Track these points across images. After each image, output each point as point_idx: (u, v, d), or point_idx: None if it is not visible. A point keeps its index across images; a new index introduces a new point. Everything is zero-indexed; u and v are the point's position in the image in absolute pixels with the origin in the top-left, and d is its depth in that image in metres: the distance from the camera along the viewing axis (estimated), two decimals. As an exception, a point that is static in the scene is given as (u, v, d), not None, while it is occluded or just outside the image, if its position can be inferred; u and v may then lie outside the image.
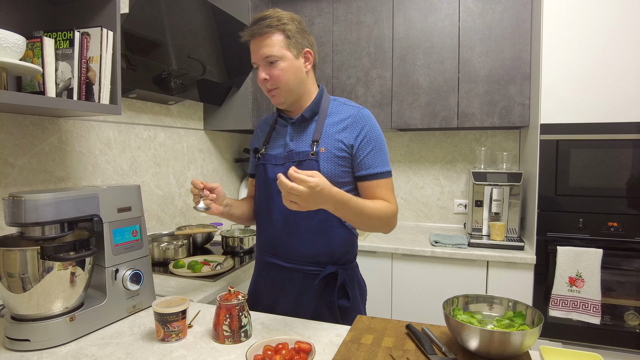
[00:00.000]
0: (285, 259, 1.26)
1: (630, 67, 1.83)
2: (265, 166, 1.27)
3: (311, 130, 1.24)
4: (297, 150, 1.23)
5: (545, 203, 1.98)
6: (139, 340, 1.02)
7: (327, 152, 1.20)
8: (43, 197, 0.98)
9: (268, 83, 1.18)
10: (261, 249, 1.34)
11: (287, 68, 1.17)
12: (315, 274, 1.24)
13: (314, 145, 1.20)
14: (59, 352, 0.96)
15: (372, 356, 0.89)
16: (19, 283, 0.97)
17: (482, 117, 2.26)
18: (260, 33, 1.15)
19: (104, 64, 1.31)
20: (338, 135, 1.20)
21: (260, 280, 1.35)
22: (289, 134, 1.26)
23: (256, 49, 1.17)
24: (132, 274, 1.16)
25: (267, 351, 0.88)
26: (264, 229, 1.31)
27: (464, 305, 1.02)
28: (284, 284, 1.28)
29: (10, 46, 1.06)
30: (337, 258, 1.26)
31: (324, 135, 1.22)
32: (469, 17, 2.25)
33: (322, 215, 1.19)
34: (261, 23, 1.15)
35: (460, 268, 2.08)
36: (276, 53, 1.15)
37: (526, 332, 0.82)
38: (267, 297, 1.31)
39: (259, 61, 1.18)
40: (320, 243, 1.23)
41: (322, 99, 1.26)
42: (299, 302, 1.26)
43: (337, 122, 1.22)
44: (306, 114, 1.24)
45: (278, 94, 1.20)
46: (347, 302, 1.25)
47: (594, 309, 1.85)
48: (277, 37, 1.15)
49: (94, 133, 1.70)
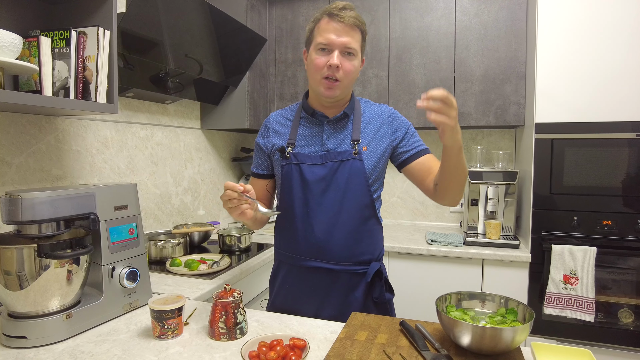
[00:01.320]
0: (332, 262, 1.23)
1: (625, 67, 1.85)
2: (299, 166, 1.22)
3: (348, 129, 1.24)
4: (336, 149, 1.21)
5: (540, 202, 2.00)
6: (135, 338, 1.03)
7: (369, 151, 1.22)
8: (40, 195, 0.99)
9: (338, 72, 1.15)
10: (298, 253, 1.26)
11: (357, 66, 1.19)
12: (362, 273, 1.25)
13: (355, 145, 1.20)
14: (55, 349, 0.97)
15: (365, 352, 0.90)
16: (16, 281, 0.97)
17: (477, 116, 2.28)
18: (350, 23, 1.14)
19: (100, 63, 1.32)
20: (377, 135, 1.24)
21: (298, 287, 1.28)
22: (326, 132, 1.24)
23: (340, 33, 1.14)
24: (128, 271, 1.17)
25: (261, 347, 0.89)
26: (302, 232, 1.24)
27: (457, 302, 1.03)
28: (330, 287, 1.24)
29: (7, 45, 1.07)
30: (377, 254, 1.29)
31: (363, 134, 1.23)
32: (464, 16, 2.26)
33: (366, 214, 1.22)
34: (350, 13, 1.15)
35: (456, 266, 2.09)
36: (357, 48, 1.17)
37: (517, 328, 0.83)
38: (309, 303, 1.27)
39: (338, 47, 1.14)
40: (365, 242, 1.24)
41: (355, 99, 1.29)
42: (346, 302, 1.24)
43: (371, 121, 1.26)
44: (348, 112, 1.25)
45: (339, 87, 1.18)
46: (391, 294, 1.30)
47: (588, 307, 1.86)
48: (359, 34, 1.18)
49: (90, 132, 1.71)
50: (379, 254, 1.31)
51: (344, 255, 1.22)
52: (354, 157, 1.19)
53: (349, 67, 1.16)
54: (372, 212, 1.24)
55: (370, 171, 1.21)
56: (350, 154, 1.20)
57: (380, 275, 1.26)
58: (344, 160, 1.19)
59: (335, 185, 1.20)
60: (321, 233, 1.22)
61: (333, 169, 1.20)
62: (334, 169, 1.20)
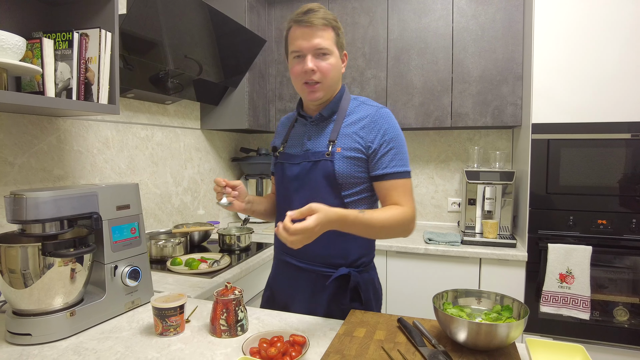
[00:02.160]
0: (298, 259, 1.26)
1: (620, 68, 1.87)
2: (283, 165, 1.28)
3: (329, 129, 1.22)
4: (313, 150, 1.22)
5: (536, 201, 2.02)
6: (138, 335, 1.05)
7: (343, 152, 1.17)
8: (43, 195, 1.01)
9: (315, 75, 1.15)
10: (278, 247, 1.33)
11: (335, 64, 1.17)
12: (328, 276, 1.22)
13: (330, 145, 1.19)
14: (59, 346, 0.98)
15: (364, 348, 0.92)
16: (20, 279, 0.99)
17: (475, 116, 2.30)
18: (316, 23, 1.13)
19: (102, 64, 1.33)
20: (355, 135, 1.18)
21: (277, 278, 1.35)
22: (307, 133, 1.26)
23: (308, 37, 1.14)
24: (130, 270, 1.18)
25: (262, 344, 0.91)
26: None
27: (454, 299, 1.05)
28: (299, 284, 1.27)
29: (11, 47, 1.08)
30: (352, 261, 1.23)
31: (341, 135, 1.19)
32: (462, 18, 2.28)
33: None
34: (316, 14, 1.13)
35: (454, 265, 2.11)
36: (329, 47, 1.15)
37: (512, 324, 0.85)
38: (283, 295, 1.31)
39: (309, 50, 1.14)
40: (335, 245, 1.21)
41: (342, 98, 1.25)
42: (313, 302, 1.25)
43: (355, 122, 1.20)
44: (325, 113, 1.22)
45: (320, 89, 1.18)
46: (360, 305, 1.23)
47: (584, 305, 1.88)
48: (330, 32, 1.16)
49: (92, 132, 1.72)
50: (357, 260, 1.24)
51: (310, 254, 1.23)
52: (326, 157, 1.17)
53: (325, 67, 1.15)
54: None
55: (340, 173, 1.16)
56: (323, 154, 1.19)
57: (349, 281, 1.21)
58: (317, 160, 1.19)
59: (308, 184, 1.21)
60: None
61: (306, 168, 1.21)
62: (306, 169, 1.21)
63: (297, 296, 1.28)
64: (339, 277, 1.21)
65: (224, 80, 2.30)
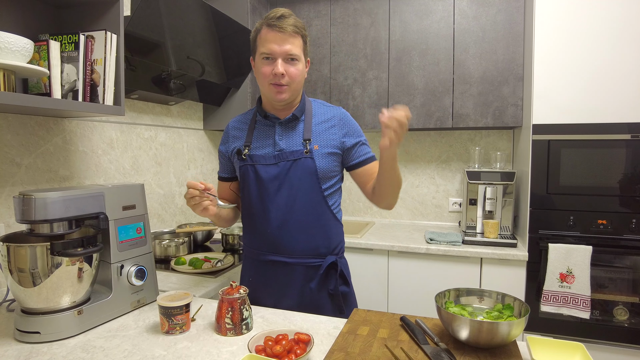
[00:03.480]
0: (286, 255, 1.30)
1: (620, 69, 1.88)
2: (255, 167, 1.30)
3: (300, 129, 1.31)
4: (289, 149, 1.28)
5: (537, 201, 2.03)
6: (144, 333, 1.06)
7: (321, 149, 1.28)
8: (52, 196, 1.02)
9: (284, 78, 1.23)
10: (257, 248, 1.34)
11: (301, 70, 1.27)
12: (317, 266, 1.31)
13: (306, 144, 1.27)
14: (68, 344, 1.00)
15: (367, 346, 0.94)
16: (29, 278, 1.01)
17: (476, 117, 2.31)
18: (288, 30, 1.20)
19: (108, 66, 1.35)
20: (327, 134, 1.30)
21: (258, 279, 1.35)
22: (278, 133, 1.31)
23: (280, 42, 1.20)
24: (136, 269, 1.20)
25: (267, 342, 0.92)
26: (260, 229, 1.32)
27: (455, 298, 1.06)
28: (288, 279, 1.32)
29: (19, 50, 1.10)
30: (333, 248, 1.35)
31: (314, 134, 1.29)
32: (463, 19, 2.30)
33: (318, 210, 1.28)
34: (287, 20, 1.21)
35: (455, 265, 2.13)
36: (298, 53, 1.24)
37: (513, 322, 0.87)
38: (269, 295, 1.33)
39: (280, 55, 1.21)
40: (319, 236, 1.31)
41: (306, 100, 1.36)
42: (303, 293, 1.31)
43: (323, 122, 1.32)
44: (297, 113, 1.32)
45: (288, 91, 1.26)
46: (347, 287, 1.35)
47: (584, 304, 1.90)
48: (299, 40, 1.24)
49: (96, 133, 1.74)
50: (336, 247, 1.36)
51: (298, 249, 1.30)
52: (306, 155, 1.26)
53: (293, 72, 1.23)
54: (325, 208, 1.30)
55: (322, 169, 1.27)
56: (302, 152, 1.26)
57: (336, 268, 1.32)
58: (296, 159, 1.26)
59: (289, 183, 1.27)
60: (276, 229, 1.29)
61: (286, 167, 1.27)
62: (286, 168, 1.27)
63: (288, 292, 1.32)
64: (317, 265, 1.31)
65: (227, 81, 2.32)
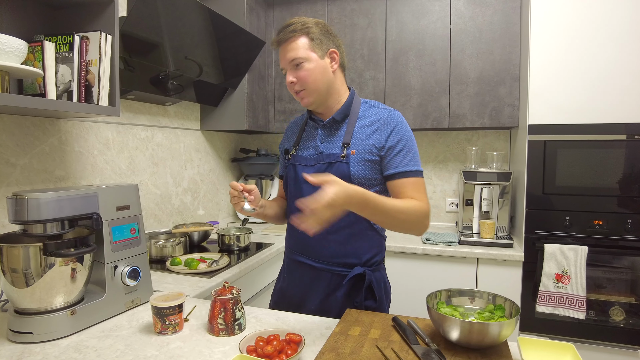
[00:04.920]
0: (314, 259, 1.29)
1: (616, 70, 1.88)
2: (295, 167, 1.31)
3: (342, 132, 1.25)
4: (327, 152, 1.25)
5: (533, 202, 2.04)
6: (137, 333, 1.07)
7: (358, 155, 1.21)
8: (45, 196, 1.03)
9: (296, 85, 1.21)
10: (291, 247, 1.36)
11: (313, 68, 1.19)
12: (344, 275, 1.26)
13: (344, 148, 1.22)
14: (60, 344, 1.00)
15: (358, 347, 0.94)
16: (22, 278, 1.01)
17: (472, 117, 2.32)
18: (286, 39, 1.20)
19: (102, 66, 1.35)
20: (369, 138, 1.21)
21: (289, 277, 1.37)
22: (320, 136, 1.28)
23: (283, 54, 1.22)
24: (130, 270, 1.20)
25: (259, 342, 0.93)
26: (294, 229, 1.31)
27: (447, 298, 1.07)
28: (313, 283, 1.30)
29: (13, 51, 1.10)
30: (365, 260, 1.27)
31: (354, 138, 1.23)
32: (460, 20, 2.30)
33: (352, 218, 1.21)
34: (286, 29, 1.20)
35: (451, 265, 2.13)
36: (301, 55, 1.18)
37: (503, 322, 0.87)
38: (295, 294, 1.34)
39: (286, 65, 1.22)
40: (349, 245, 1.25)
41: (353, 102, 1.28)
42: (327, 301, 1.28)
43: (368, 125, 1.23)
44: (337, 117, 1.26)
45: (306, 95, 1.22)
46: (374, 302, 1.26)
47: (579, 305, 1.90)
48: (301, 40, 1.19)
49: (92, 133, 1.74)
50: (370, 259, 1.28)
51: (325, 254, 1.27)
52: (341, 160, 1.21)
53: (302, 75, 1.20)
54: (360, 217, 1.16)
55: (356, 175, 1.20)
56: (338, 156, 1.22)
57: (364, 280, 1.25)
58: (331, 162, 1.23)
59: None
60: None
61: (321, 170, 1.24)
62: (321, 171, 1.23)
63: (312, 296, 1.30)
64: (353, 276, 1.24)
65: (224, 81, 2.32)
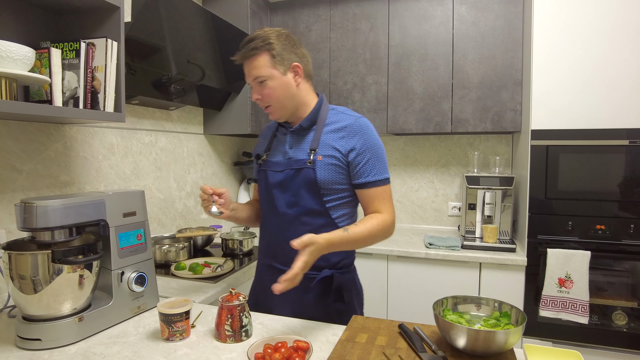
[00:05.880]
0: (282, 263, 1.30)
1: (618, 75, 1.89)
2: (266, 172, 1.33)
3: (309, 138, 1.28)
4: (295, 158, 1.28)
5: (535, 206, 2.04)
6: (144, 340, 1.07)
7: (324, 160, 1.24)
8: (53, 204, 1.03)
9: (261, 102, 1.25)
10: (262, 252, 1.39)
11: (276, 86, 1.22)
12: (313, 278, 1.27)
13: (311, 154, 1.25)
14: (68, 351, 1.01)
15: (366, 354, 0.95)
16: (30, 285, 1.01)
17: (475, 122, 2.32)
18: (248, 56, 1.21)
19: (108, 73, 1.36)
20: (335, 144, 1.24)
21: (261, 282, 1.39)
22: (289, 142, 1.31)
23: (247, 71, 1.24)
24: (137, 276, 1.21)
25: (267, 349, 0.93)
26: (264, 232, 1.37)
27: (453, 305, 1.07)
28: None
29: (21, 58, 1.11)
30: (334, 263, 1.29)
31: (321, 144, 1.26)
32: (462, 25, 2.31)
33: (319, 221, 1.25)
34: (248, 46, 1.20)
35: (454, 269, 2.13)
36: (263, 73, 1.20)
37: (509, 330, 0.87)
38: (267, 298, 1.35)
39: (251, 82, 1.24)
40: None
41: (321, 108, 1.30)
42: (298, 304, 1.29)
43: (335, 131, 1.26)
44: (304, 124, 1.29)
45: (272, 111, 1.27)
46: (342, 304, 1.30)
47: (582, 309, 1.91)
48: (263, 57, 1.20)
49: (97, 139, 1.75)
50: (338, 262, 1.30)
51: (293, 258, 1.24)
52: (308, 165, 1.24)
53: (266, 93, 1.22)
54: (328, 221, 1.25)
55: (323, 180, 1.23)
56: (305, 162, 1.25)
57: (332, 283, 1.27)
58: (299, 168, 1.26)
59: (291, 191, 1.27)
60: (275, 235, 1.31)
61: (289, 175, 1.27)
62: (290, 176, 1.27)
63: (283, 300, 1.30)
64: (323, 279, 1.27)
65: (227, 85, 2.33)
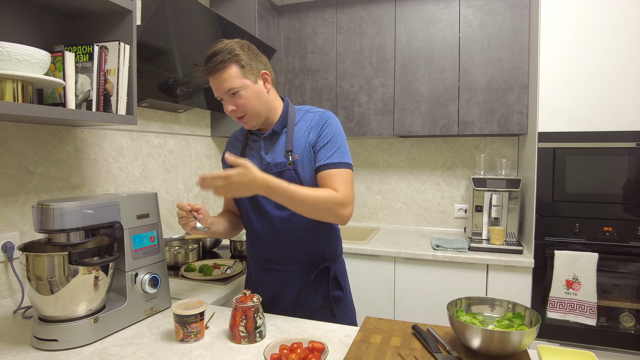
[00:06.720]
0: (281, 264, 1.35)
1: (625, 78, 1.90)
2: None
3: (282, 141, 1.31)
4: (274, 162, 1.30)
5: (542, 208, 2.05)
6: (159, 341, 1.08)
7: (301, 158, 1.28)
8: (69, 206, 1.04)
9: (235, 113, 1.25)
10: (255, 257, 1.41)
11: (250, 95, 1.23)
12: (311, 272, 1.35)
13: (289, 155, 1.28)
14: (84, 352, 1.02)
15: (381, 355, 0.95)
16: (47, 286, 1.02)
17: (481, 124, 2.33)
18: (217, 69, 1.20)
19: (121, 76, 1.37)
20: (305, 141, 1.29)
21: (257, 284, 1.41)
22: (263, 147, 1.33)
23: (216, 85, 1.23)
24: (150, 277, 1.22)
25: (283, 350, 0.94)
26: (255, 239, 1.38)
27: (467, 306, 1.08)
28: (284, 285, 1.36)
29: (37, 62, 1.12)
30: (328, 255, 1.38)
31: (295, 143, 1.29)
32: (468, 27, 2.32)
33: (309, 220, 1.25)
34: (214, 60, 1.19)
35: (461, 271, 2.14)
36: (236, 84, 1.21)
37: (524, 331, 0.88)
38: (265, 296, 1.37)
39: (222, 95, 1.24)
40: (312, 246, 1.34)
41: (289, 111, 1.34)
42: (298, 298, 1.35)
43: (304, 129, 1.31)
44: (277, 128, 1.31)
45: (248, 120, 1.27)
46: (341, 292, 1.38)
47: (590, 311, 1.91)
48: (232, 69, 1.20)
49: (107, 141, 1.76)
50: (331, 254, 1.38)
51: (291, 258, 1.33)
52: (289, 167, 1.27)
53: (241, 103, 1.23)
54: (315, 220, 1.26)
55: (306, 178, 1.27)
56: (285, 164, 1.28)
57: (329, 273, 1.35)
58: (280, 171, 1.28)
59: None
60: (268, 239, 1.33)
61: None
62: None
63: (283, 296, 1.37)
64: (320, 270, 1.34)
65: (234, 88, 2.33)
